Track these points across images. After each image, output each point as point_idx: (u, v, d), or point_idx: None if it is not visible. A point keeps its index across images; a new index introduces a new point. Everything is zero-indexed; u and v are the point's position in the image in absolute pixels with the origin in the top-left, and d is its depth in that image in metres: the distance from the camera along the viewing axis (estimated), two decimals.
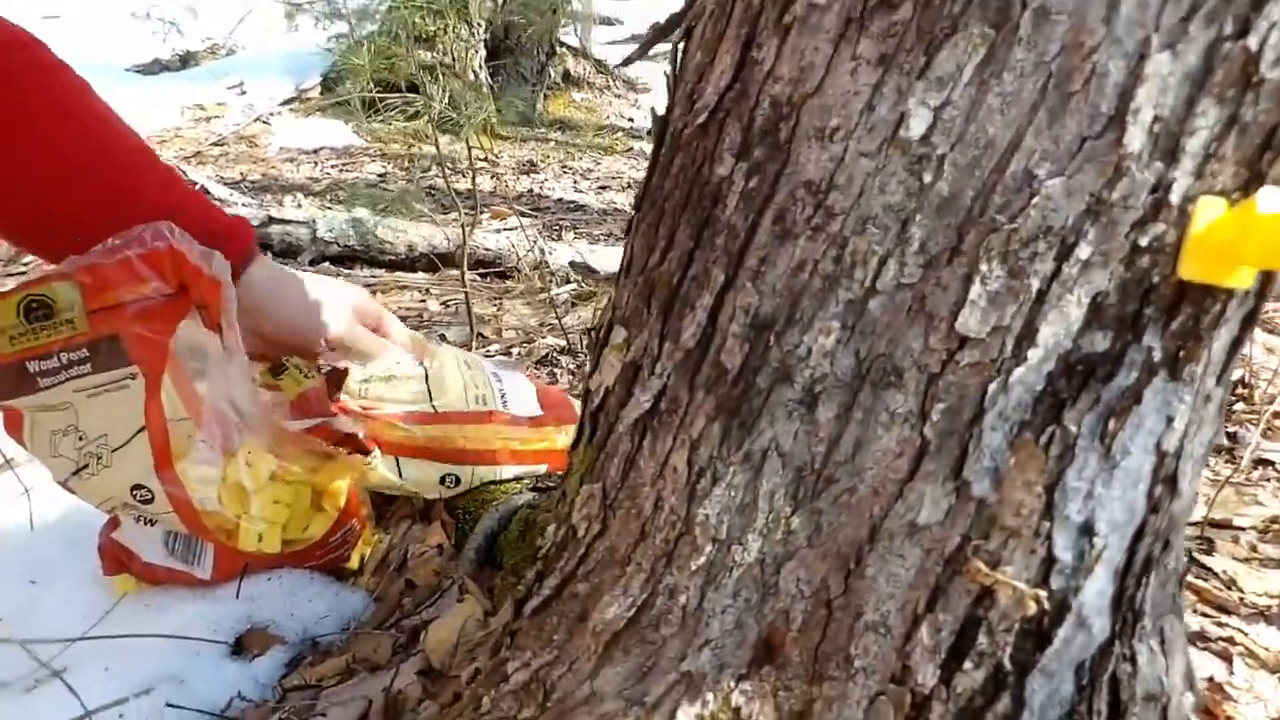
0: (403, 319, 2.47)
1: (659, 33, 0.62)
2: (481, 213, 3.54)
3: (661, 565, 0.54)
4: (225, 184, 3.91)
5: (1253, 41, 0.43)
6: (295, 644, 0.95)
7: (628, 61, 0.77)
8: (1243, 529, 1.29)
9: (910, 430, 0.49)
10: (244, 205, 3.09)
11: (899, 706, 0.50)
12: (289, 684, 0.87)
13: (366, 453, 1.10)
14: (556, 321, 2.11)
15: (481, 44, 4.43)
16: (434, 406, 1.17)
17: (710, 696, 0.52)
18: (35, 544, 1.16)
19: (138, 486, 0.97)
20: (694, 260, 0.53)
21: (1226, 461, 1.43)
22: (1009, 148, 0.45)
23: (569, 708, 0.54)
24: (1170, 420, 0.48)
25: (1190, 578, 1.17)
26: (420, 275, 2.83)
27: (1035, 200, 0.45)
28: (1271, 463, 1.45)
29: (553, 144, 4.55)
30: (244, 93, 5.04)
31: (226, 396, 1.04)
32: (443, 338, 2.13)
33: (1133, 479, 0.48)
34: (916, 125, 0.46)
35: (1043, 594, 0.48)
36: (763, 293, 0.50)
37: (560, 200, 3.92)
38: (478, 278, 2.77)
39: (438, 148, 1.84)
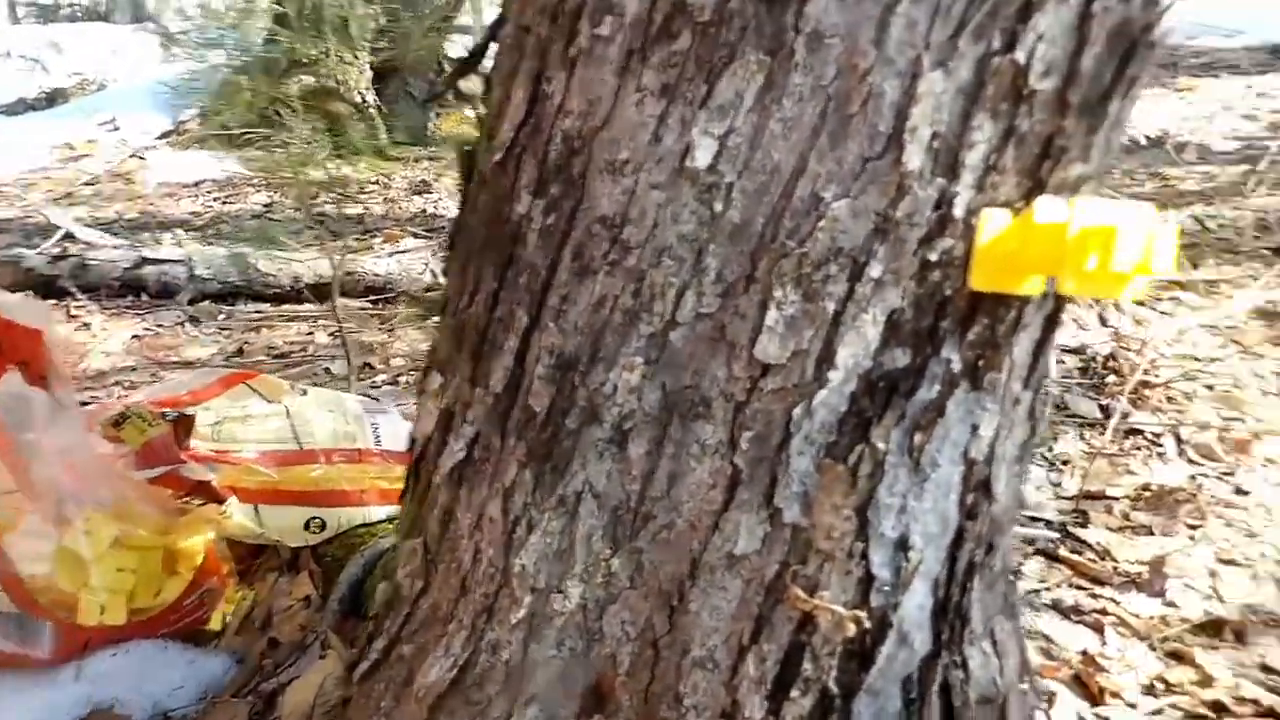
0: (288, 353, 2.38)
1: (462, 66, 0.60)
2: (373, 236, 3.46)
3: (482, 620, 0.52)
4: (98, 224, 3.72)
5: (1020, 55, 0.43)
6: None
7: (432, 98, 0.74)
8: (1115, 499, 1.34)
9: (722, 460, 0.48)
10: (114, 247, 2.95)
11: None
12: None
13: (221, 501, 1.05)
14: None
15: (367, 65, 4.34)
16: (299, 445, 1.13)
17: None
18: None
19: None
20: (499, 301, 0.52)
21: (1099, 433, 1.49)
22: (794, 172, 0.44)
23: None
24: (976, 428, 0.48)
25: (1065, 551, 1.21)
26: (308, 306, 2.74)
27: (823, 223, 0.44)
28: (1141, 431, 1.51)
29: (445, 162, 4.47)
30: (117, 128, 4.81)
31: (61, 455, 0.98)
32: (326, 370, 2.07)
33: (944, 490, 0.48)
34: (702, 155, 0.45)
35: (862, 614, 0.48)
36: (566, 332, 0.49)
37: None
38: (369, 304, 2.70)
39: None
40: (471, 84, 5.29)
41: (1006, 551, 0.54)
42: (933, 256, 0.45)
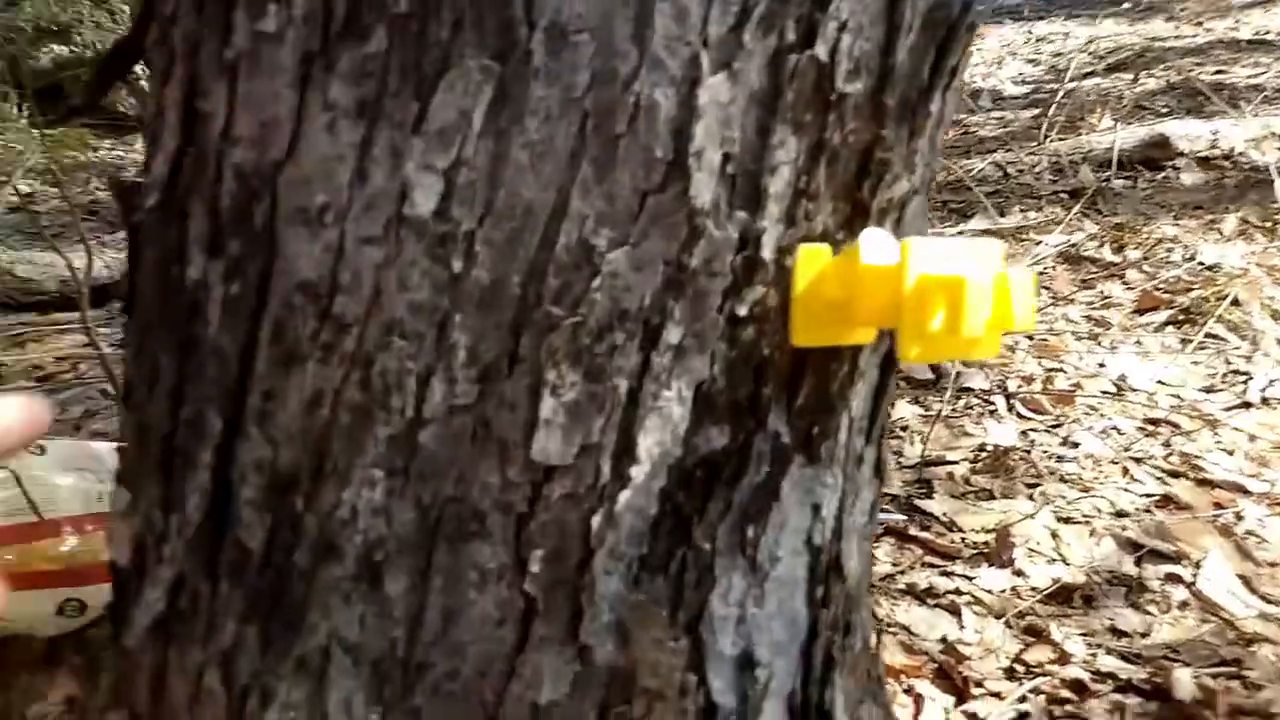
0: (55, 374, 2.09)
1: (108, 65, 0.44)
2: None
3: None
4: None
5: (822, 50, 0.33)
6: None
7: (75, 111, 0.58)
8: (956, 463, 1.34)
9: (509, 589, 0.37)
10: None
11: None
12: None
13: None
14: None
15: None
16: (39, 515, 0.93)
17: None
18: None
19: None
20: (184, 399, 0.38)
21: (935, 395, 1.48)
22: (553, 215, 0.33)
23: None
24: (818, 509, 0.39)
25: (914, 529, 1.18)
26: (89, 312, 2.42)
27: (598, 279, 0.33)
28: (971, 389, 1.52)
29: None
30: None
31: None
32: (103, 393, 1.81)
33: (789, 586, 0.40)
34: (424, 198, 0.33)
35: None
36: (276, 441, 0.36)
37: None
38: None
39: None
40: None
41: (865, 625, 0.46)
42: (742, 311, 0.35)
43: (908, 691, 0.92)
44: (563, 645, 0.37)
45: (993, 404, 1.47)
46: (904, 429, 1.41)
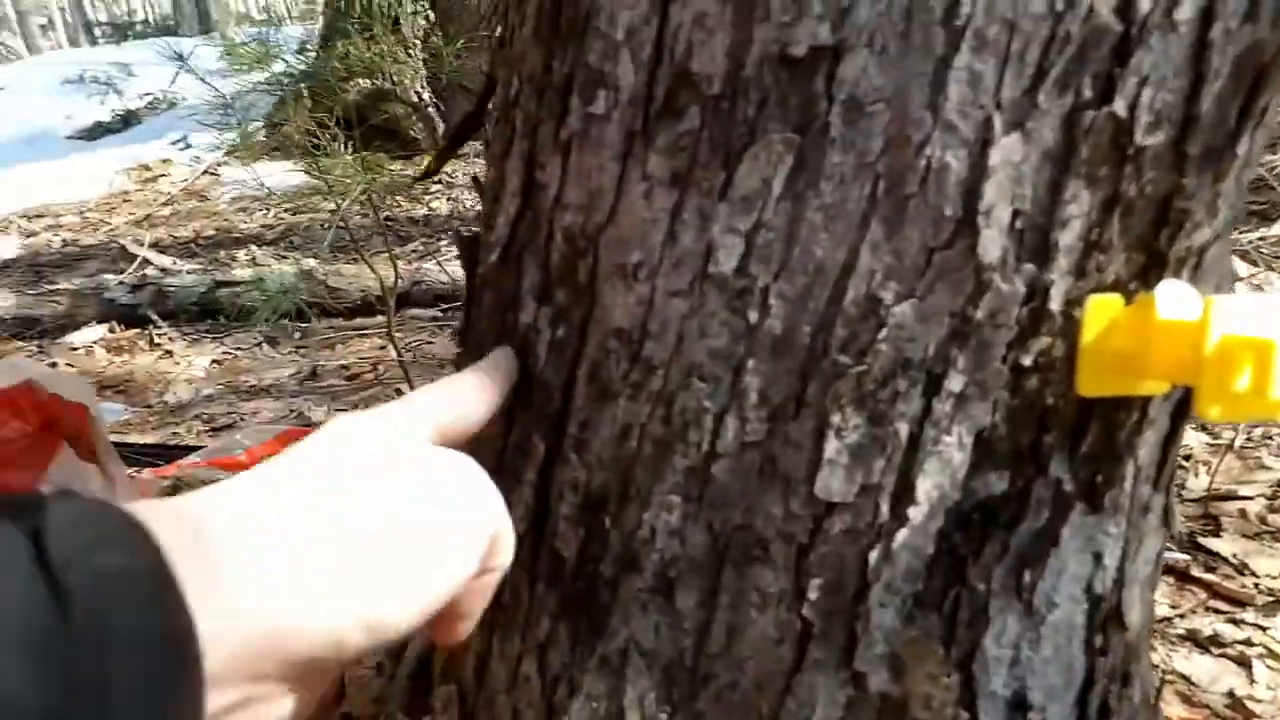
0: (359, 374, 2.38)
1: (457, 136, 0.52)
2: (439, 240, 3.44)
3: None
4: (178, 244, 3.82)
5: (1120, 106, 0.33)
6: None
7: (428, 174, 0.67)
8: (1249, 498, 1.20)
9: (788, 612, 0.40)
10: (189, 272, 3.02)
11: None
12: None
13: None
14: None
15: (422, 64, 4.32)
16: None
17: None
18: None
19: None
20: (514, 423, 0.44)
21: (1224, 425, 1.34)
22: (843, 271, 0.36)
23: None
24: (1099, 557, 0.39)
25: (1197, 569, 1.08)
26: (380, 319, 2.74)
27: (885, 330, 0.36)
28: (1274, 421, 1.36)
29: None
30: (188, 146, 4.94)
31: None
32: (398, 392, 2.05)
33: (1065, 633, 0.40)
34: (727, 257, 0.37)
35: None
36: (590, 465, 0.42)
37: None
38: (439, 314, 2.68)
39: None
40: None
41: (1146, 676, 0.45)
42: (1026, 361, 0.36)
43: None
44: (837, 670, 0.39)
45: None
46: (1188, 458, 1.28)
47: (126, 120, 5.36)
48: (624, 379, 0.40)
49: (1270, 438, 1.31)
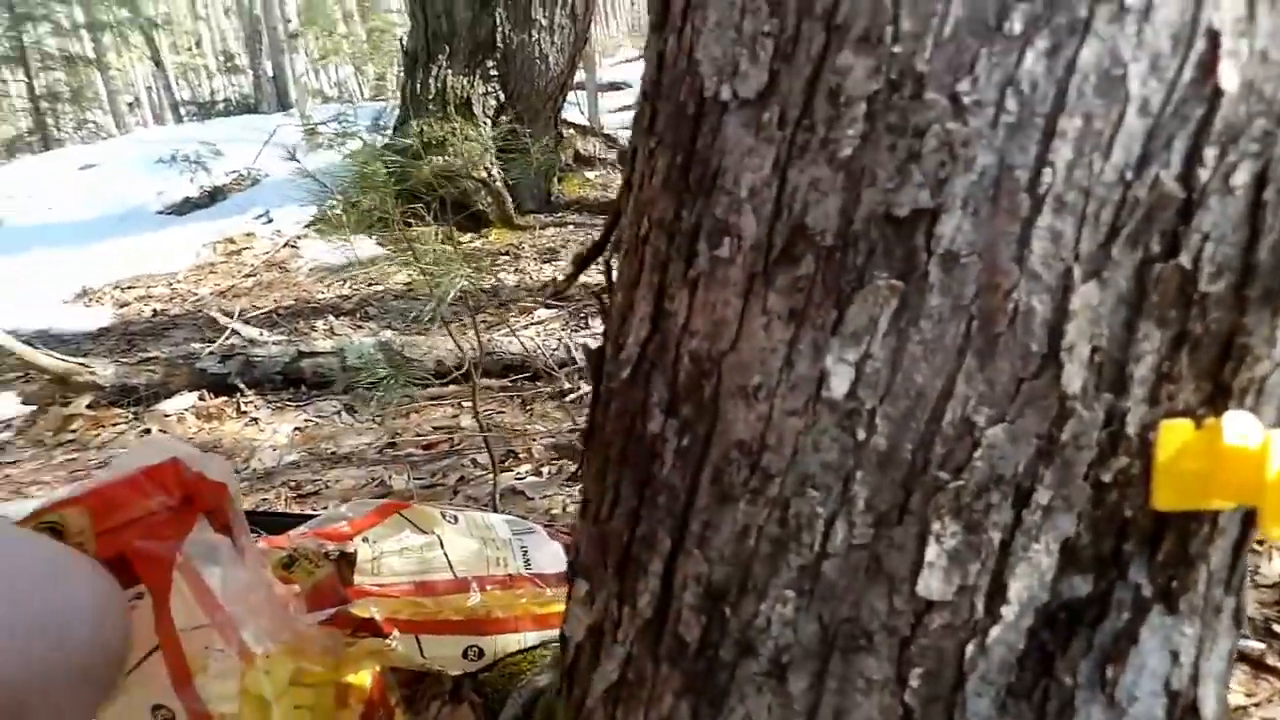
0: (435, 443, 2.46)
1: (585, 259, 0.59)
2: (508, 310, 3.56)
3: None
4: (259, 313, 4.01)
5: (1185, 259, 0.39)
6: None
7: (557, 293, 0.75)
8: None
9: (891, 698, 0.44)
10: (274, 342, 3.16)
11: None
12: None
13: (385, 635, 1.09)
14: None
15: (490, 141, 4.52)
16: (454, 574, 1.15)
17: None
18: None
19: (159, 706, 0.95)
20: (640, 519, 0.50)
21: None
22: (941, 396, 0.41)
23: None
24: (1176, 655, 0.43)
25: (1272, 659, 1.08)
26: (452, 387, 2.84)
27: (979, 450, 0.41)
28: None
29: (570, 228, 4.59)
30: (270, 220, 5.19)
31: (242, 598, 1.03)
32: (473, 462, 2.12)
33: None
34: (839, 382, 0.42)
35: None
36: (712, 560, 0.47)
37: (584, 284, 3.95)
38: (509, 384, 2.77)
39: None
40: (589, 146, 5.39)
41: None
42: (1107, 478, 0.41)
43: None
44: None
45: None
46: (1261, 543, 1.28)
47: (213, 196, 5.67)
48: (744, 485, 0.46)
49: None
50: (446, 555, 1.14)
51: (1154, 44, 0.37)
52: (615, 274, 0.55)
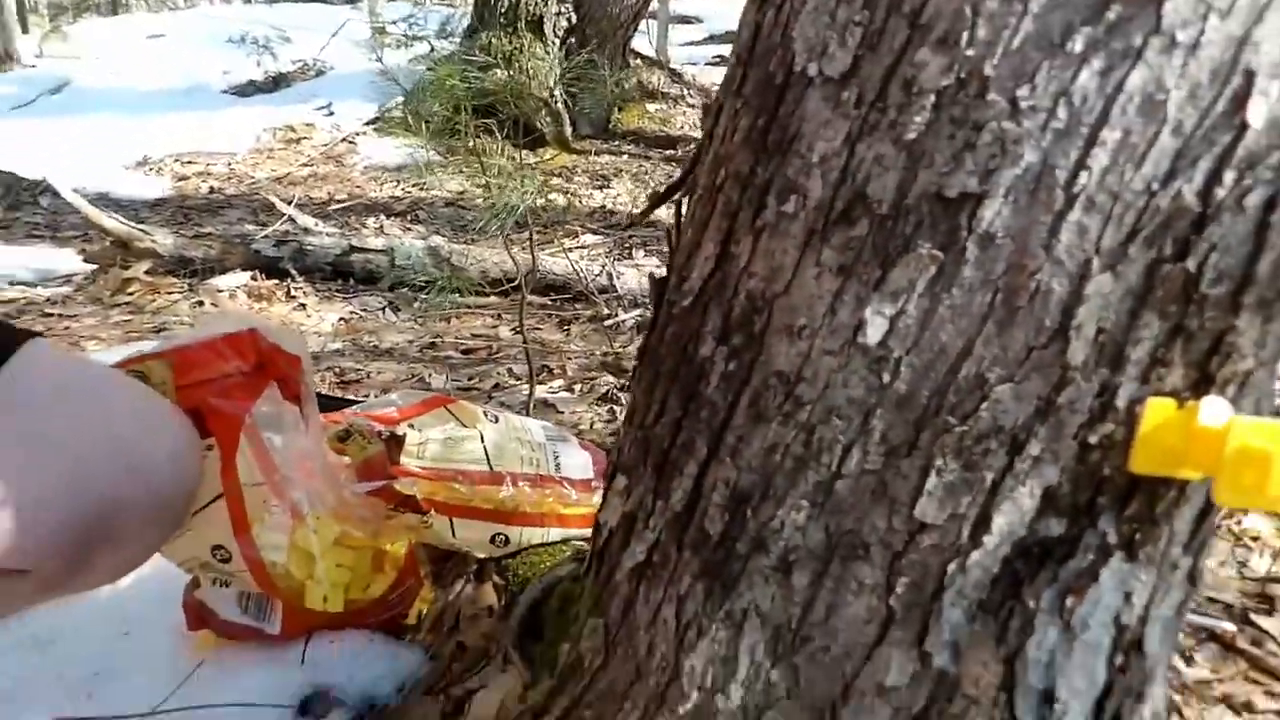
0: (474, 349, 2.55)
1: (660, 198, 0.66)
2: (556, 231, 3.62)
3: (654, 706, 0.59)
4: (313, 204, 4.09)
5: (1191, 263, 0.45)
6: (355, 706, 1.03)
7: (630, 225, 0.81)
8: None
9: (877, 601, 0.52)
10: (327, 234, 3.25)
11: None
12: None
13: (423, 512, 1.19)
14: (617, 355, 2.17)
15: (557, 62, 4.51)
16: (491, 468, 1.25)
17: None
18: (127, 599, 1.27)
19: (218, 547, 1.06)
20: (682, 428, 0.58)
21: None
22: (961, 354, 0.48)
23: None
24: (1129, 596, 0.51)
25: (1243, 642, 1.15)
26: (494, 299, 2.92)
27: (986, 403, 0.48)
28: None
29: (625, 158, 4.61)
30: (331, 113, 5.25)
31: (300, 464, 1.14)
32: (509, 371, 2.22)
33: (1093, 650, 0.51)
34: (874, 331, 0.49)
35: None
36: (741, 468, 0.55)
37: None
38: (549, 302, 2.85)
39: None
40: (655, 78, 5.35)
41: (1158, 701, 0.56)
42: (1093, 440, 0.48)
43: None
44: (909, 648, 0.52)
45: None
46: (1255, 538, 1.34)
47: (277, 82, 5.72)
48: (778, 408, 0.53)
49: None
50: (485, 449, 1.23)
51: (1195, 76, 0.43)
52: (686, 214, 0.62)
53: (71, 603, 1.23)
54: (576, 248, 3.30)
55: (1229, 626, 1.14)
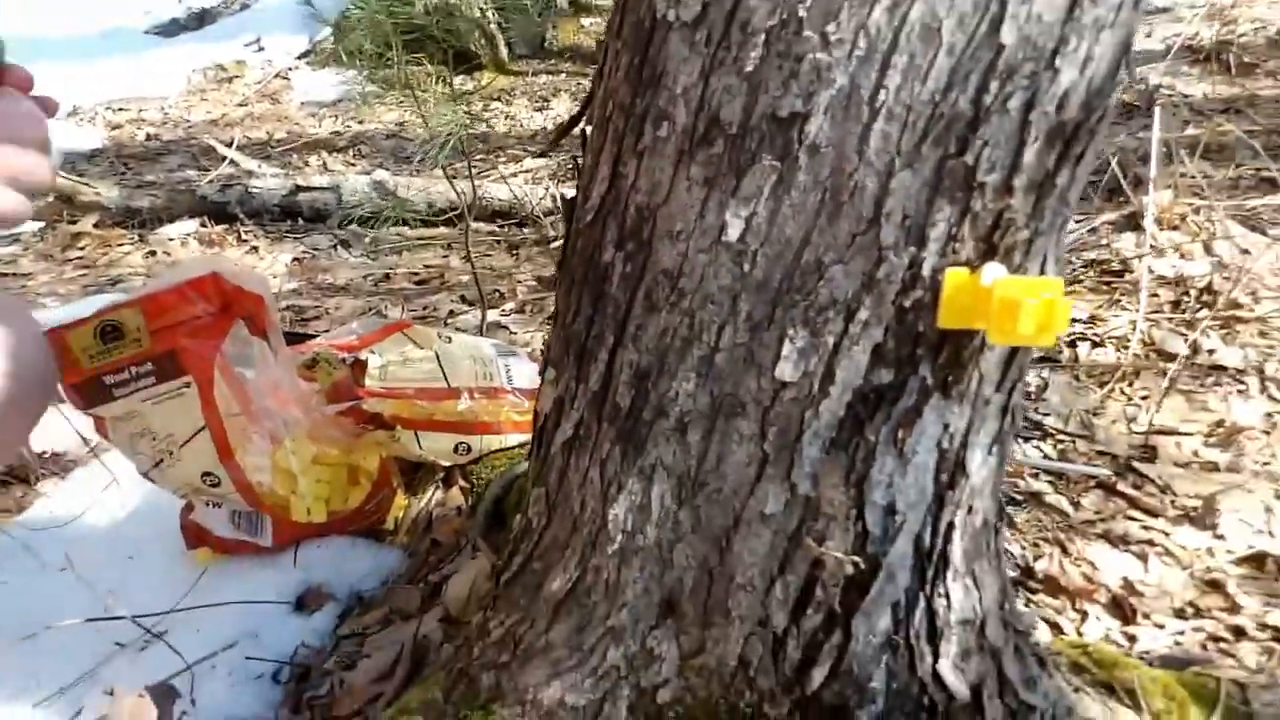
0: (426, 279, 2.62)
1: (564, 129, 0.76)
2: (497, 157, 3.66)
3: (588, 550, 0.73)
4: (252, 144, 4.07)
5: (969, 157, 0.57)
6: (344, 599, 1.17)
7: (544, 153, 0.91)
8: (1188, 435, 1.41)
9: (754, 447, 0.66)
10: (272, 175, 3.26)
11: (765, 642, 0.69)
12: (341, 633, 1.10)
13: (391, 429, 1.31)
14: None
15: None
16: (448, 384, 1.37)
17: (631, 642, 0.72)
18: (128, 524, 1.39)
19: (207, 473, 1.18)
20: (594, 323, 0.70)
21: (1182, 369, 1.54)
22: (801, 243, 0.60)
23: (531, 654, 0.75)
24: (947, 427, 0.64)
25: (1125, 486, 1.31)
26: (442, 230, 2.99)
27: (823, 281, 0.60)
28: (1225, 368, 1.55)
29: (564, 76, 4.61)
30: (262, 49, 5.15)
31: (272, 392, 1.25)
32: (462, 298, 2.31)
33: (922, 470, 0.65)
34: (733, 231, 0.61)
35: (859, 559, 0.66)
36: (641, 351, 0.67)
37: (576, 136, 4.02)
38: (496, 229, 2.92)
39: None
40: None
41: (987, 510, 0.71)
42: (907, 304, 0.60)
43: (1077, 609, 1.10)
44: (781, 481, 0.65)
45: (1244, 383, 1.48)
46: (1145, 398, 1.49)
47: (201, 19, 5.57)
48: (666, 299, 0.65)
49: (1220, 384, 1.51)
50: (442, 369, 1.35)
51: (961, 7, 0.54)
52: (588, 141, 0.73)
53: (77, 538, 1.35)
54: (521, 172, 3.36)
55: (1106, 472, 1.29)
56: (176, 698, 0.99)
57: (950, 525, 0.68)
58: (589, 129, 0.73)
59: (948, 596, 0.70)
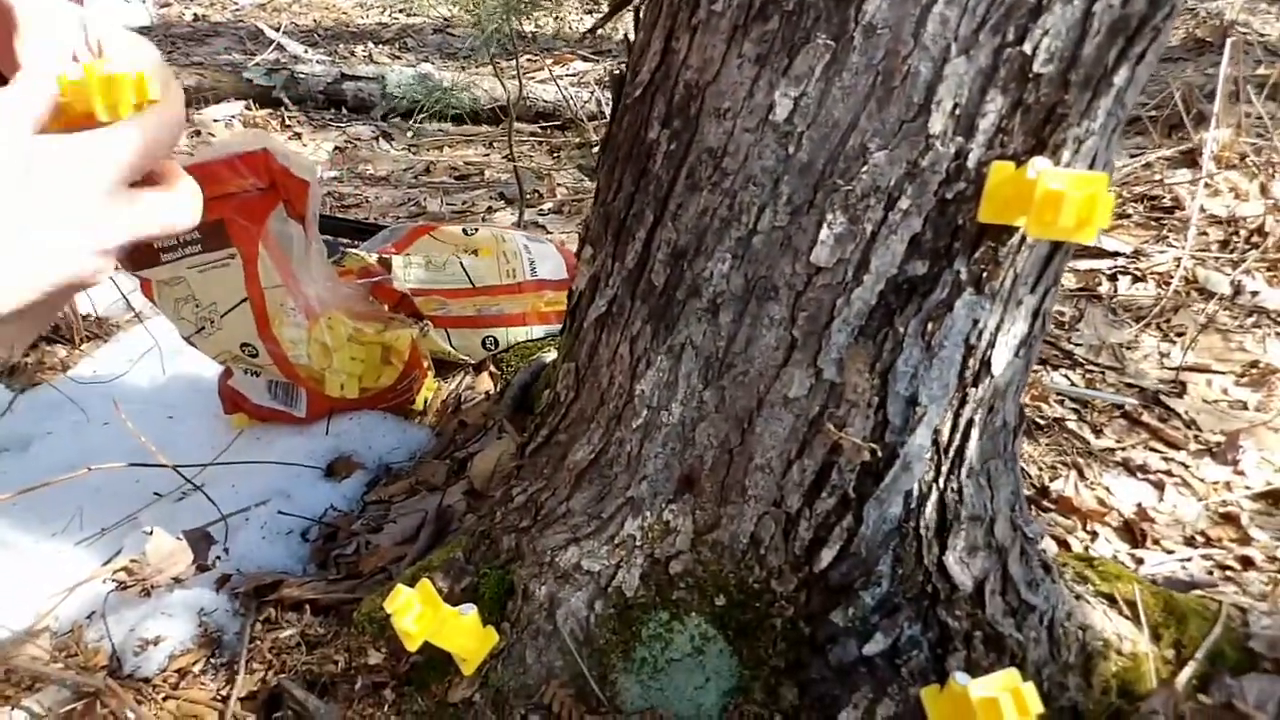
0: (466, 175, 2.62)
1: (617, 6, 0.76)
2: (545, 57, 3.60)
3: (613, 424, 0.75)
4: (300, 32, 4.04)
5: (1028, 47, 0.56)
6: (373, 469, 1.22)
7: (591, 31, 0.90)
8: (1220, 373, 1.41)
9: (784, 331, 0.67)
10: (318, 62, 3.25)
11: (778, 521, 0.71)
12: (368, 499, 1.14)
13: (419, 316, 1.34)
14: None
15: None
16: (472, 284, 1.39)
17: (648, 514, 0.74)
18: (169, 388, 1.44)
19: (245, 344, 1.22)
20: (634, 201, 0.71)
21: (1223, 308, 1.52)
22: (848, 127, 0.60)
23: (551, 520, 0.77)
24: (976, 323, 0.65)
25: (1150, 419, 1.31)
26: (485, 128, 2.97)
27: (867, 167, 0.60)
28: (1267, 311, 1.53)
29: None
30: None
31: (308, 272, 1.27)
32: (501, 195, 2.31)
33: (948, 365, 0.66)
34: (781, 110, 0.61)
35: (876, 447, 0.67)
36: (679, 230, 0.68)
37: (624, 40, 3.94)
38: (539, 129, 2.90)
39: None
40: None
41: (1008, 413, 0.72)
42: (949, 195, 0.60)
43: (1087, 529, 1.12)
44: (808, 366, 0.67)
45: None
46: (1180, 334, 1.47)
47: None
48: (708, 179, 0.66)
49: (1258, 326, 1.49)
50: (465, 270, 1.37)
51: None
52: (642, 19, 0.72)
53: (120, 396, 1.40)
54: (566, 75, 3.31)
55: (1132, 401, 1.29)
56: (212, 543, 1.05)
57: (970, 422, 0.69)
58: (643, 6, 0.73)
59: (960, 492, 0.72)
